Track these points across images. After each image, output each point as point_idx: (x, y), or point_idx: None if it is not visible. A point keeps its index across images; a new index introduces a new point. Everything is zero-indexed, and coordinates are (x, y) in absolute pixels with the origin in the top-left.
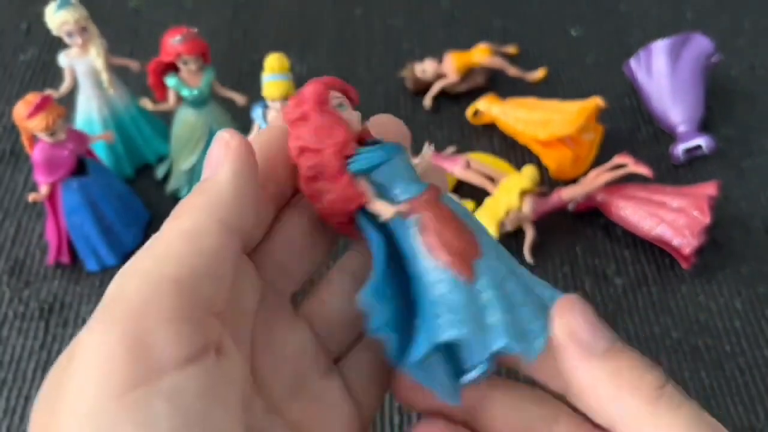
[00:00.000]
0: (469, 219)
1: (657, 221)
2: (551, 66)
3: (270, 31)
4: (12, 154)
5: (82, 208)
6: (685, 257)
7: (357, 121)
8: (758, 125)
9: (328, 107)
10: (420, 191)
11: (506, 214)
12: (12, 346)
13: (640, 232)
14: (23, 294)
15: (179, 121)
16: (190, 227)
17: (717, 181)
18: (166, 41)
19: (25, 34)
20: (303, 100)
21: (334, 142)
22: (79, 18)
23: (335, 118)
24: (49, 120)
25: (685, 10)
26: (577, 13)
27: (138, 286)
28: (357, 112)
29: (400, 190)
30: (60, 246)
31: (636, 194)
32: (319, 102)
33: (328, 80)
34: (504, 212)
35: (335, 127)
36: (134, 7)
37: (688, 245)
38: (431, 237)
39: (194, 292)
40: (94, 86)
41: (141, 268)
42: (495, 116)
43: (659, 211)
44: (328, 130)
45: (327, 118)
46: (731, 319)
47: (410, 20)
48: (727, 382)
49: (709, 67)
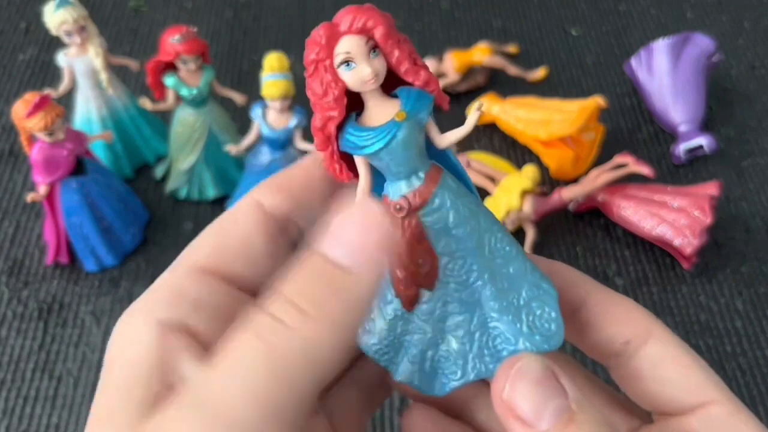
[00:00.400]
0: (446, 232)
1: (658, 221)
2: (551, 66)
3: (270, 31)
4: (11, 154)
5: (80, 208)
6: (687, 257)
7: (370, 73)
8: (758, 125)
9: (324, 65)
10: (406, 192)
11: (507, 214)
12: (11, 346)
13: (641, 232)
14: (22, 294)
15: (178, 120)
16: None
17: (718, 181)
18: (165, 40)
19: (25, 34)
20: (308, 46)
21: (319, 114)
22: (78, 17)
23: (329, 83)
24: (48, 120)
25: (685, 10)
26: (577, 13)
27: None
28: (380, 59)
29: (388, 185)
30: (59, 246)
31: (637, 194)
32: (316, 60)
33: (345, 18)
34: (504, 212)
35: (325, 96)
36: (134, 7)
37: (689, 245)
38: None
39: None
40: (93, 86)
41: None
42: (495, 116)
43: (660, 211)
44: (319, 97)
45: (320, 81)
46: (732, 320)
47: (410, 20)
48: (728, 383)
49: (711, 67)
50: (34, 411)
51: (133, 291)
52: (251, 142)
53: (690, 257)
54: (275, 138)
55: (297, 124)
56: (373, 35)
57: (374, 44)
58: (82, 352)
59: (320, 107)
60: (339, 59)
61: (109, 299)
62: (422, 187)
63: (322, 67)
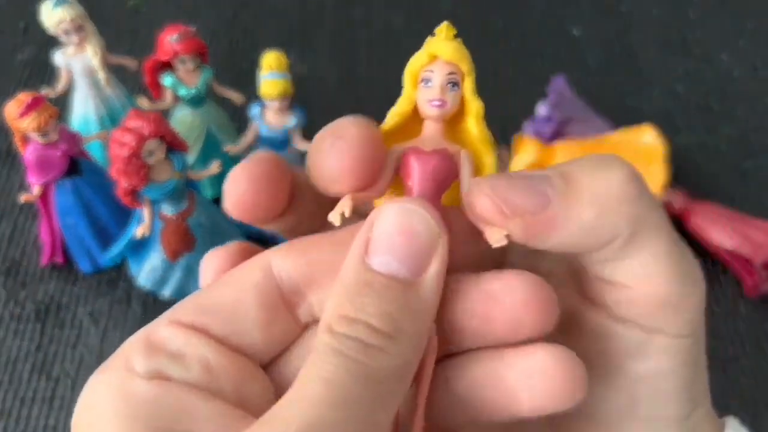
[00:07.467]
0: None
1: (739, 239)
2: (551, 66)
3: (270, 31)
4: (8, 154)
5: (75, 208)
6: (754, 282)
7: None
8: (761, 126)
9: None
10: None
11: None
12: (8, 347)
13: (718, 244)
14: (19, 295)
15: (176, 120)
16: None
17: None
18: (162, 40)
19: (23, 33)
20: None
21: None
22: (75, 16)
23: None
24: (41, 120)
25: (687, 10)
26: (577, 13)
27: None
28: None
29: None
30: (54, 247)
31: (720, 210)
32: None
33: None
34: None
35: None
36: (132, 6)
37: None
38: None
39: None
40: (91, 85)
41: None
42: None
43: (745, 228)
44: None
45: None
46: (735, 322)
47: (410, 20)
48: (731, 386)
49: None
50: (31, 412)
51: (131, 292)
52: (249, 142)
53: (757, 283)
54: (273, 138)
55: (296, 124)
56: None
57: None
58: (79, 354)
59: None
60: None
61: (107, 300)
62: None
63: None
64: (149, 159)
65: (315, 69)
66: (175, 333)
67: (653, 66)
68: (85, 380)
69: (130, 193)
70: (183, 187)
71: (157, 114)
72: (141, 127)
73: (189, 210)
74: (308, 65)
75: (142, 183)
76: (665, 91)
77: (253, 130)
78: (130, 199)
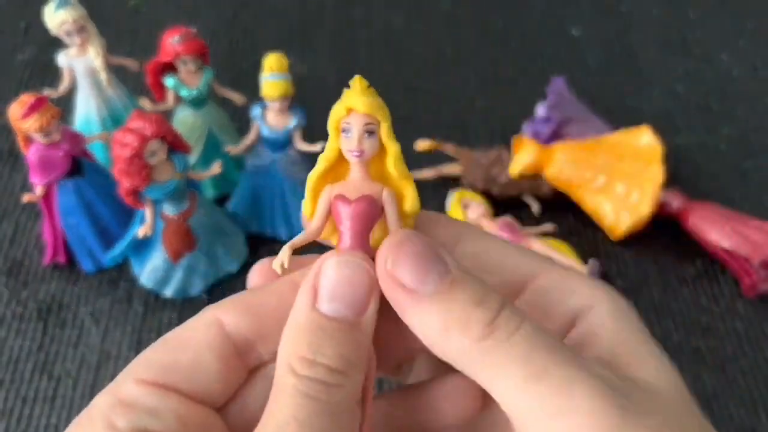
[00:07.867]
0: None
1: (738, 239)
2: (551, 66)
3: (270, 31)
4: (10, 154)
5: (77, 208)
6: (752, 281)
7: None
8: (760, 126)
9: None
10: (179, 211)
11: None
12: (9, 347)
13: (716, 244)
14: (21, 295)
15: (178, 121)
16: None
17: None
18: (164, 41)
19: (24, 34)
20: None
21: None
22: (77, 17)
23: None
24: (44, 121)
25: (687, 10)
26: (577, 13)
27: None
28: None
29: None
30: (56, 246)
31: (720, 210)
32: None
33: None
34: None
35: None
36: (133, 7)
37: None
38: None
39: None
40: (93, 86)
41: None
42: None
43: (743, 228)
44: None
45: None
46: (733, 321)
47: (410, 20)
48: (729, 385)
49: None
50: (33, 412)
51: (132, 292)
52: (251, 143)
53: (755, 282)
54: (275, 138)
55: (297, 125)
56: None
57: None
58: (81, 353)
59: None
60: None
61: (108, 300)
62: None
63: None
64: (151, 159)
65: (315, 69)
66: (147, 391)
67: (653, 66)
68: (86, 380)
69: (132, 194)
70: (184, 188)
71: (159, 115)
72: (143, 127)
73: (190, 210)
74: (308, 65)
75: (144, 183)
76: (665, 91)
77: (255, 130)
78: (132, 200)
